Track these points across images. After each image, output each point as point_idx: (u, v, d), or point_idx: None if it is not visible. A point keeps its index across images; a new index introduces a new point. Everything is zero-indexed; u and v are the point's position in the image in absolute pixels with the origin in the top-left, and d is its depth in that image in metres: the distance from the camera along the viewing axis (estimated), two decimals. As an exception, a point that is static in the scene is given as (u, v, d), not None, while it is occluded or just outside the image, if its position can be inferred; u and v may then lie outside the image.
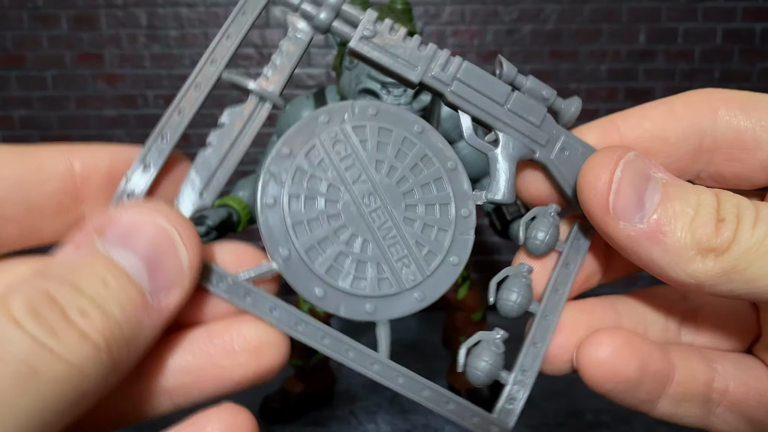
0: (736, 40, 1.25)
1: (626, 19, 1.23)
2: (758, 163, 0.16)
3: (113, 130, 1.25)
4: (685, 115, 0.16)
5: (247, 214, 0.79)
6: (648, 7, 1.22)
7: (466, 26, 1.21)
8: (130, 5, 1.20)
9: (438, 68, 0.17)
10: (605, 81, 1.25)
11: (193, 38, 1.21)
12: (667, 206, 0.14)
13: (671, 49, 1.25)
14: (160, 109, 1.25)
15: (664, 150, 0.16)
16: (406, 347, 1.09)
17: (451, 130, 0.79)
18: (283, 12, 1.20)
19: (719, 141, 0.16)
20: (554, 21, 1.22)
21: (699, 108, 0.16)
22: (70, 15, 1.20)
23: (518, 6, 1.21)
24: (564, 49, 1.23)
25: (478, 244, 1.38)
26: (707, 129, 0.16)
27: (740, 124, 0.16)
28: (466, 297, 0.84)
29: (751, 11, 1.23)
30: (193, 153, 0.17)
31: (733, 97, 0.16)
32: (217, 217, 0.72)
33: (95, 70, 1.23)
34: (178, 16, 1.20)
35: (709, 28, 1.24)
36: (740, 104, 0.16)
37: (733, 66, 1.26)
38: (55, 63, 1.22)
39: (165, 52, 1.22)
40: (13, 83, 1.23)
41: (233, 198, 0.79)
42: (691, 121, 0.16)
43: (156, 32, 1.21)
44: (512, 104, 0.16)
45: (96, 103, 1.24)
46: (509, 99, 0.17)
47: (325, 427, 0.79)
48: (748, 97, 0.16)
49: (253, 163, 1.28)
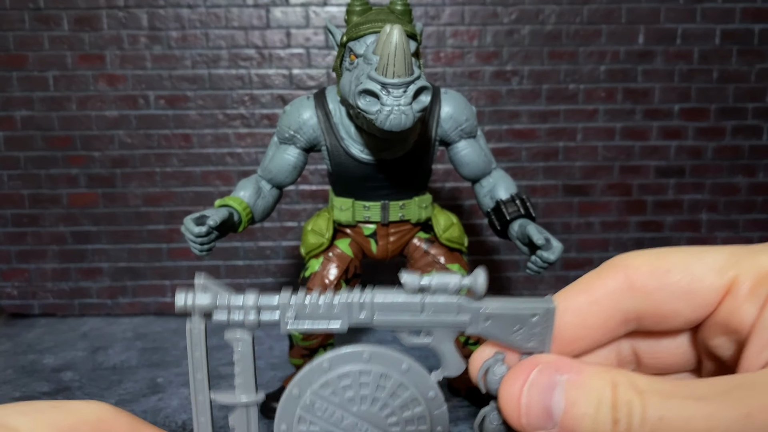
0: (734, 40, 1.25)
1: (625, 20, 1.23)
2: (681, 322, 0.18)
3: (114, 131, 1.26)
4: (603, 299, 0.18)
5: (247, 214, 0.79)
6: (647, 8, 1.23)
7: (466, 27, 1.21)
8: (131, 6, 1.20)
9: (357, 311, 0.19)
10: (604, 81, 1.25)
11: (194, 39, 1.21)
12: (572, 413, 0.16)
13: (670, 50, 1.25)
14: (161, 110, 1.26)
15: (589, 334, 0.18)
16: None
17: (450, 131, 0.79)
18: (283, 13, 1.21)
19: (640, 311, 0.18)
20: (553, 22, 1.22)
21: (615, 286, 0.18)
22: (71, 16, 1.21)
23: (518, 7, 1.21)
24: (563, 50, 1.24)
25: (478, 244, 1.39)
26: (626, 306, 0.18)
27: (654, 298, 0.17)
28: (465, 296, 0.84)
29: (749, 12, 1.24)
30: (194, 153, 0.17)
31: (643, 264, 0.18)
32: (219, 217, 0.72)
33: (96, 71, 1.23)
34: (179, 17, 1.21)
35: (708, 29, 1.24)
36: (649, 272, 0.17)
37: (731, 66, 1.26)
38: (57, 63, 1.22)
39: (166, 53, 1.22)
40: (15, 83, 1.23)
41: (234, 198, 0.79)
42: (609, 305, 0.18)
43: (157, 33, 1.21)
44: (427, 310, 0.19)
45: (97, 103, 1.24)
46: (423, 307, 0.18)
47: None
48: (655, 261, 0.18)
49: (254, 164, 1.29)
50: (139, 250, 1.30)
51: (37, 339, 1.18)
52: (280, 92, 1.24)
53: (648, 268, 0.17)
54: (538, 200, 1.30)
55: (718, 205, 1.32)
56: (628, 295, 0.17)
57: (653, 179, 1.31)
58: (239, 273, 1.31)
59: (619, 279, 0.18)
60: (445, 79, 1.24)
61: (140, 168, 1.26)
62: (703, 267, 0.17)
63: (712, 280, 0.17)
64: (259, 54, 1.22)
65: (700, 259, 0.17)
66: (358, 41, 0.68)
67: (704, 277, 0.17)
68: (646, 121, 1.28)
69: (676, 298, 0.17)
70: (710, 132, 1.29)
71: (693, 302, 0.17)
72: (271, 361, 1.04)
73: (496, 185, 0.82)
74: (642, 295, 0.17)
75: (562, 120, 1.27)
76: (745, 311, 0.16)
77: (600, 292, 0.18)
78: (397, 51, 0.61)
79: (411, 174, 0.79)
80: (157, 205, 1.28)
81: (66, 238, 1.30)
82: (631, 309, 0.18)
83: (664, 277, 0.17)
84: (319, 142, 0.79)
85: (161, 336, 1.18)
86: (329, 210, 0.84)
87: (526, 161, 1.29)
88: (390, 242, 0.83)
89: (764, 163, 1.31)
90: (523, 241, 0.76)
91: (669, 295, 0.17)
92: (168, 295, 1.32)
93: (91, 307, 1.33)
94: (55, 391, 0.92)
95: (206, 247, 0.73)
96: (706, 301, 0.17)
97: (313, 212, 1.28)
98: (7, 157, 1.26)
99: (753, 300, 0.16)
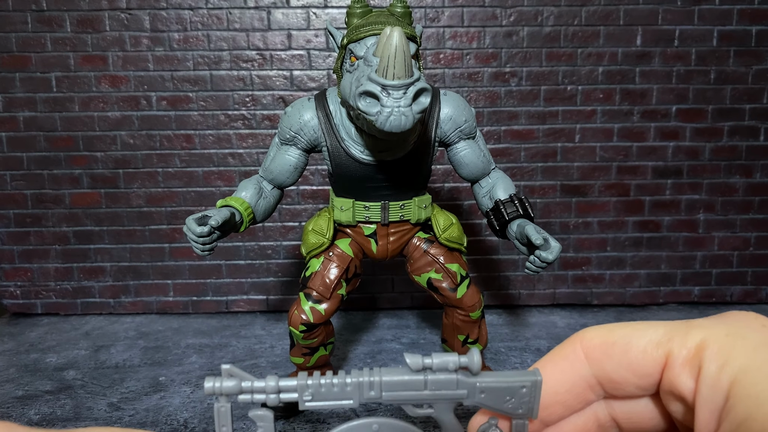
0: (732, 42, 1.26)
1: (623, 22, 1.24)
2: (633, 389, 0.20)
3: (117, 131, 1.27)
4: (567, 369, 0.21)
5: (249, 214, 0.80)
6: (644, 9, 1.24)
7: (465, 29, 1.22)
8: (133, 8, 1.21)
9: (367, 390, 0.21)
10: (602, 82, 1.26)
11: (196, 40, 1.22)
12: None
13: (667, 51, 1.26)
14: (163, 111, 1.27)
15: (559, 400, 0.21)
16: (405, 345, 1.10)
17: (449, 132, 0.80)
18: (284, 15, 1.22)
19: (598, 378, 0.20)
20: (552, 23, 1.23)
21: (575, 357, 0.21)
22: (73, 17, 1.21)
23: (516, 9, 1.22)
24: (561, 51, 1.25)
25: (477, 244, 1.40)
26: (586, 374, 0.21)
27: (605, 368, 0.20)
28: (464, 296, 0.85)
29: (746, 13, 1.25)
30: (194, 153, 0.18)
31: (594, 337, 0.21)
32: (220, 217, 0.73)
33: (99, 72, 1.24)
34: (181, 18, 1.21)
35: (706, 30, 1.25)
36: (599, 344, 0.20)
37: (729, 67, 1.27)
38: (59, 64, 1.23)
39: (168, 54, 1.23)
40: (18, 84, 1.24)
41: (236, 198, 0.80)
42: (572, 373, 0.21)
43: (159, 34, 1.22)
44: (430, 386, 0.21)
45: (100, 104, 1.25)
46: (426, 384, 0.21)
47: (326, 423, 0.80)
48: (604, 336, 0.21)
49: (256, 164, 1.30)
50: (141, 250, 1.31)
51: (39, 338, 1.19)
52: (281, 93, 1.25)
53: (598, 341, 0.20)
54: (537, 200, 1.31)
55: (715, 205, 1.33)
56: (586, 364, 0.20)
57: (651, 179, 1.32)
58: (241, 272, 1.32)
59: (578, 350, 0.21)
60: (445, 81, 1.25)
61: (142, 168, 1.27)
62: (642, 341, 0.20)
63: (650, 353, 0.19)
64: (260, 55, 1.23)
65: (641, 334, 0.20)
66: (359, 43, 0.69)
67: (643, 351, 0.19)
68: (644, 121, 1.29)
69: (622, 368, 0.20)
70: (708, 132, 1.30)
71: (637, 372, 0.20)
72: (272, 360, 1.05)
73: (495, 186, 0.83)
74: (596, 365, 0.20)
75: (561, 121, 1.28)
76: (682, 382, 0.18)
77: (564, 363, 0.21)
78: (397, 53, 0.61)
79: (411, 174, 0.80)
80: (159, 205, 1.29)
81: (69, 237, 1.30)
82: (590, 376, 0.20)
83: (610, 349, 0.20)
84: (320, 143, 0.79)
85: (163, 335, 1.19)
86: (330, 210, 0.85)
87: (524, 162, 1.29)
88: (390, 242, 0.84)
89: (761, 164, 1.32)
90: (521, 241, 0.77)
91: (616, 365, 0.20)
92: (170, 294, 1.33)
93: (94, 306, 1.33)
94: (57, 390, 0.93)
95: (208, 247, 0.74)
96: (648, 371, 0.19)
97: (313, 212, 1.29)
98: (10, 157, 1.26)
99: (687, 373, 0.18)
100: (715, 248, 1.35)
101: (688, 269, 1.36)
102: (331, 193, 0.85)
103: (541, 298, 1.34)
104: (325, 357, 0.87)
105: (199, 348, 1.11)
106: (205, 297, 1.33)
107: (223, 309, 1.34)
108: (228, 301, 1.34)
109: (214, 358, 1.06)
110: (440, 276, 0.84)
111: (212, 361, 1.05)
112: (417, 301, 1.34)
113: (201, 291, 1.33)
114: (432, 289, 0.85)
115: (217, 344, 1.13)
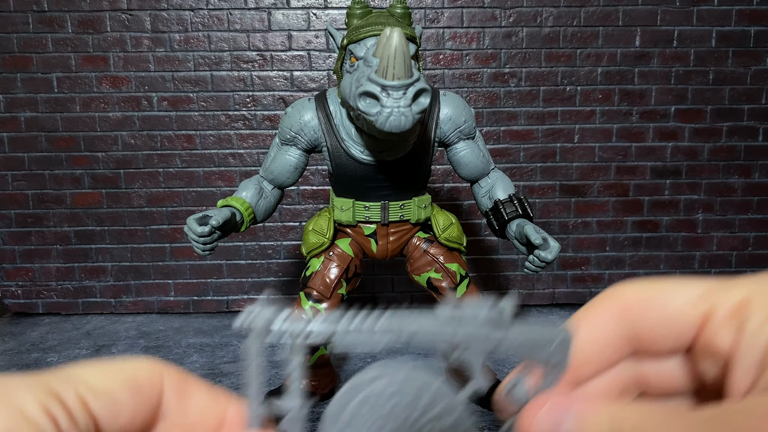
0: (730, 42, 1.26)
1: (622, 23, 1.24)
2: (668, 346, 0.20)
3: (118, 132, 1.27)
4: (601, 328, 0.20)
5: (249, 214, 0.80)
6: (643, 10, 1.24)
7: (464, 30, 1.23)
8: (134, 9, 1.21)
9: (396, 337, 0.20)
10: (601, 83, 1.27)
11: (197, 41, 1.23)
12: None
13: (666, 52, 1.26)
14: (163, 111, 1.27)
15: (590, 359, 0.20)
16: (405, 344, 1.10)
17: (449, 133, 0.80)
18: (284, 16, 1.22)
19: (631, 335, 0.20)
20: (551, 24, 1.23)
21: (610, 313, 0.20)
22: (75, 18, 1.22)
23: (515, 10, 1.23)
24: (560, 52, 1.25)
25: (477, 244, 1.40)
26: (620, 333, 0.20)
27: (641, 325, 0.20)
28: (464, 295, 0.85)
29: (745, 14, 1.25)
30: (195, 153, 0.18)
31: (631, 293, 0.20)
32: (221, 217, 0.73)
33: (100, 73, 1.24)
34: (181, 19, 1.22)
35: (704, 31, 1.26)
36: (635, 300, 0.20)
37: (727, 68, 1.28)
38: (61, 65, 1.24)
39: (169, 55, 1.23)
40: (19, 85, 1.24)
41: (236, 198, 0.80)
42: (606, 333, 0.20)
43: (160, 35, 1.23)
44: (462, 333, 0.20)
45: (101, 104, 1.26)
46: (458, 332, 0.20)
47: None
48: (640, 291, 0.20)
49: (256, 165, 1.30)
50: (142, 250, 1.32)
51: (41, 337, 1.19)
52: (281, 94, 1.25)
53: (635, 298, 0.20)
54: (536, 200, 1.32)
55: (714, 206, 1.34)
56: (621, 320, 0.20)
57: (650, 179, 1.32)
58: (241, 272, 1.33)
59: (613, 307, 0.20)
60: (444, 81, 1.25)
61: (143, 168, 1.28)
62: (680, 298, 0.19)
63: (689, 310, 0.19)
64: (261, 56, 1.24)
65: (680, 291, 0.19)
66: (359, 44, 0.70)
67: (682, 307, 0.19)
68: (643, 122, 1.29)
69: (658, 324, 0.19)
70: (706, 133, 1.31)
71: (673, 329, 0.19)
72: (272, 360, 1.05)
73: (494, 186, 0.83)
74: (631, 321, 0.20)
75: (560, 121, 1.28)
76: (721, 338, 0.18)
77: (597, 320, 0.20)
78: (397, 54, 0.62)
79: (410, 175, 0.80)
80: (160, 205, 1.30)
81: (70, 237, 1.31)
82: (624, 334, 0.20)
83: (646, 305, 0.19)
84: (320, 143, 0.80)
85: (164, 334, 1.20)
86: (330, 210, 0.85)
87: (523, 162, 1.30)
88: (390, 242, 0.84)
89: (760, 164, 1.32)
90: (521, 240, 0.77)
91: (651, 322, 0.19)
92: (171, 293, 1.33)
93: (95, 306, 1.34)
94: (60, 388, 0.93)
95: (209, 247, 0.74)
96: (684, 329, 0.19)
97: (314, 212, 1.29)
98: (11, 157, 1.27)
99: (728, 328, 0.18)
100: (713, 248, 1.35)
101: (687, 269, 1.36)
102: (331, 193, 0.86)
103: (541, 298, 1.35)
104: (326, 357, 0.88)
105: (199, 347, 1.12)
106: (205, 297, 1.34)
107: (223, 308, 1.34)
108: (229, 300, 1.34)
109: (214, 357, 1.07)
110: (440, 276, 0.84)
111: (213, 360, 1.05)
112: (417, 301, 1.35)
113: (202, 291, 1.34)
114: (432, 288, 0.85)
115: (217, 344, 1.14)
